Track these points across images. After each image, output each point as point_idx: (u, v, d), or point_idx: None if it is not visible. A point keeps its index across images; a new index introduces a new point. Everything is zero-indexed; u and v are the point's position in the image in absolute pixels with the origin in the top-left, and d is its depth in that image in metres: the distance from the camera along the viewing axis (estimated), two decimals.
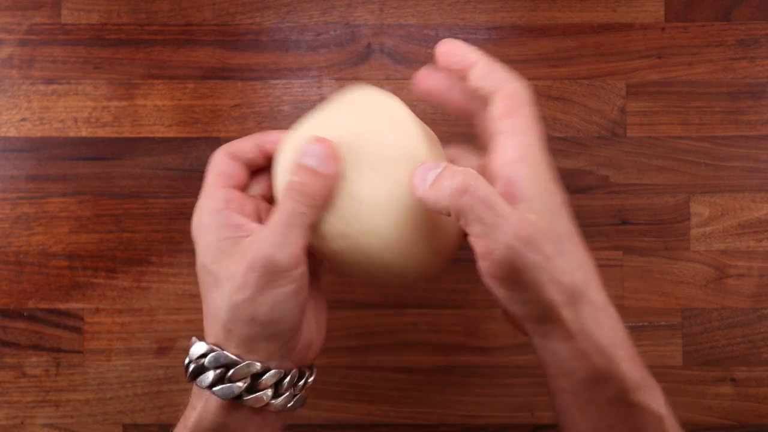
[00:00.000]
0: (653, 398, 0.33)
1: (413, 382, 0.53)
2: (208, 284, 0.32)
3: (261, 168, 0.35)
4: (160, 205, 0.54)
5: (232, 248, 0.30)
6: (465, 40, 0.53)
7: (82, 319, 0.54)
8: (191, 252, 0.53)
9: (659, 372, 0.53)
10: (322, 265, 0.37)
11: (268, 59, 0.54)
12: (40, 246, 0.54)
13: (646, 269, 0.53)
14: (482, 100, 0.32)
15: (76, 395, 0.54)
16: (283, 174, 0.31)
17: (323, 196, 0.29)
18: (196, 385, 0.32)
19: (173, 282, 0.53)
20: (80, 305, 0.54)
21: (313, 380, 0.35)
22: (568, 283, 0.29)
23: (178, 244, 0.53)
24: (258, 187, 0.35)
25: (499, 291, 0.29)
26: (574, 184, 0.53)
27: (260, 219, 0.33)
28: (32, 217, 0.54)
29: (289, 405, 0.32)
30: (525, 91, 0.31)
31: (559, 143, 0.53)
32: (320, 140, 0.30)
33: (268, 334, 0.30)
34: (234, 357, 0.31)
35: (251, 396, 0.31)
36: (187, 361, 0.32)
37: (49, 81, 0.54)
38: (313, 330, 0.34)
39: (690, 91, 0.53)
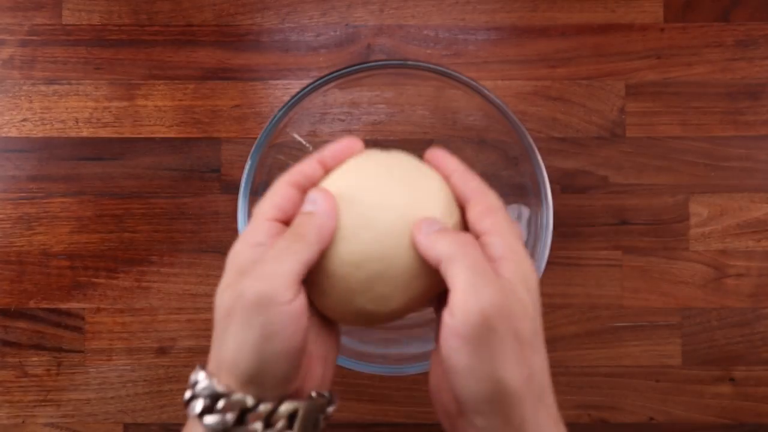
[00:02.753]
0: None
1: (413, 382, 0.54)
2: (217, 303, 0.31)
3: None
4: (161, 205, 0.54)
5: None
6: (465, 40, 0.54)
7: (83, 318, 0.54)
8: (192, 252, 0.54)
9: (659, 372, 0.53)
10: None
11: (268, 59, 0.54)
12: (42, 246, 0.54)
13: (645, 269, 0.53)
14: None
15: (77, 395, 0.54)
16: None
17: (317, 235, 0.31)
18: (188, 411, 0.31)
19: (174, 282, 0.54)
20: (81, 305, 0.54)
21: (314, 414, 0.33)
22: (526, 375, 0.28)
23: (179, 244, 0.54)
24: None
25: (460, 359, 0.28)
26: (574, 184, 0.53)
27: None
28: (33, 217, 0.54)
29: None
30: (496, 198, 0.33)
31: (559, 143, 0.53)
32: (320, 189, 0.32)
33: (258, 373, 0.29)
34: (223, 389, 0.30)
35: (239, 428, 0.30)
36: (187, 388, 0.31)
37: (50, 81, 0.54)
38: (317, 365, 0.33)
39: (689, 91, 0.54)
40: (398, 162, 0.35)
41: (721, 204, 0.53)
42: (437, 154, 0.35)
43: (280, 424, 0.30)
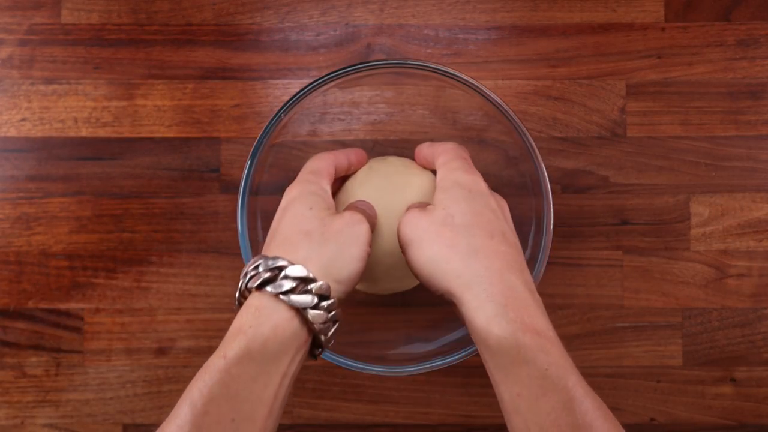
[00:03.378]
0: (540, 353, 0.34)
1: (413, 382, 0.53)
2: (306, 218, 0.38)
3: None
4: (160, 205, 0.54)
5: (330, 215, 0.39)
6: (465, 40, 0.54)
7: (82, 319, 0.54)
8: (191, 252, 0.54)
9: (660, 372, 0.53)
10: None
11: (268, 59, 0.54)
12: (41, 246, 0.54)
13: (646, 269, 0.53)
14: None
15: (76, 395, 0.54)
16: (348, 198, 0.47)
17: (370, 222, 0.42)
18: (266, 291, 0.35)
19: (173, 282, 0.53)
20: (80, 305, 0.54)
21: (334, 335, 0.38)
22: (445, 245, 0.38)
23: (178, 244, 0.53)
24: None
25: (409, 261, 0.39)
26: (574, 184, 0.53)
27: None
28: (32, 217, 0.54)
29: (323, 337, 0.37)
30: (453, 143, 0.43)
31: (559, 143, 0.53)
32: (364, 202, 0.44)
33: (337, 276, 0.37)
34: (311, 275, 0.36)
35: (314, 311, 0.35)
36: (252, 273, 0.36)
37: (49, 81, 0.54)
38: None
39: (690, 91, 0.53)
40: (394, 169, 0.46)
41: (722, 204, 0.53)
42: (417, 150, 0.46)
43: (329, 324, 0.37)
